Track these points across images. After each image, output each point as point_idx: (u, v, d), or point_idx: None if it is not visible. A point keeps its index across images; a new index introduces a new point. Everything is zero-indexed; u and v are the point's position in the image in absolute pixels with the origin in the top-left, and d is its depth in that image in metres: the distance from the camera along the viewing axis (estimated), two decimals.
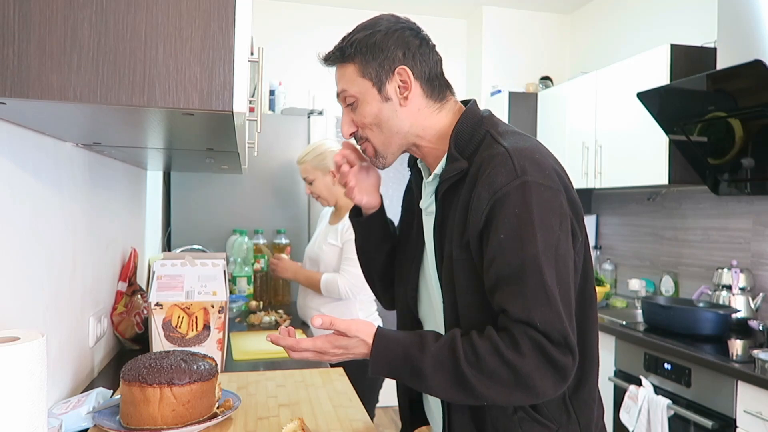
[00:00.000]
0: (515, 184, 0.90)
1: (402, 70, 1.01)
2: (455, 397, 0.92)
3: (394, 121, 1.03)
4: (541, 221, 0.90)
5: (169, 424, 1.09)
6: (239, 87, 0.79)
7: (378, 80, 1.01)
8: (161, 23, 0.76)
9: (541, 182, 0.91)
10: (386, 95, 1.02)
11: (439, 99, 1.05)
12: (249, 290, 2.75)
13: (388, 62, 1.01)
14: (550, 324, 0.87)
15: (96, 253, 1.57)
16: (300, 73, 3.85)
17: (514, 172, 0.91)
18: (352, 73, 1.02)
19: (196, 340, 1.53)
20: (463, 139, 1.01)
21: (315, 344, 0.96)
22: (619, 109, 2.92)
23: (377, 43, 1.01)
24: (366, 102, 1.02)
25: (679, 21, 3.08)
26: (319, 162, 2.27)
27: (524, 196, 0.90)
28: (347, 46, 1.02)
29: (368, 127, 1.04)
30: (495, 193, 0.91)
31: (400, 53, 1.01)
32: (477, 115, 1.03)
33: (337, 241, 2.25)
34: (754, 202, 2.59)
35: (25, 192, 1.05)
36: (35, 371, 0.77)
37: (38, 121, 0.99)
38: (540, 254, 0.88)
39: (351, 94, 1.03)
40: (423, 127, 1.04)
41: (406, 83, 1.01)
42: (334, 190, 2.29)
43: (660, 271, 3.12)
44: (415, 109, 1.03)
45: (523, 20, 4.06)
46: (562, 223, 0.92)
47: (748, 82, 2.08)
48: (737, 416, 1.94)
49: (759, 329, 2.33)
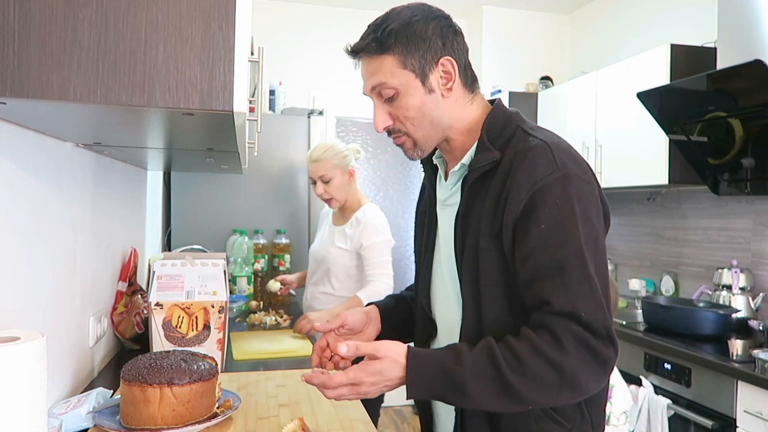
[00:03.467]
0: (556, 176, 0.90)
1: (446, 61, 0.98)
2: (502, 407, 0.88)
3: (436, 113, 1.00)
4: (583, 214, 0.89)
5: (169, 424, 1.08)
6: (239, 87, 0.79)
7: (422, 71, 0.98)
8: (161, 23, 0.76)
9: (580, 176, 0.92)
10: (430, 87, 0.99)
11: (472, 90, 1.04)
12: (249, 290, 2.75)
13: (431, 53, 0.97)
14: (594, 316, 0.86)
15: (96, 253, 1.57)
16: (300, 73, 3.85)
17: (555, 164, 0.91)
18: (391, 64, 0.98)
19: (196, 340, 1.53)
20: (495, 130, 1.00)
21: (348, 376, 0.90)
22: (619, 109, 2.92)
23: (417, 32, 0.97)
24: (409, 94, 0.99)
25: (679, 21, 3.08)
26: (340, 160, 2.21)
27: (566, 188, 0.89)
28: (384, 37, 0.97)
29: (410, 120, 1.01)
30: (535, 184, 0.90)
31: (440, 42, 0.98)
32: (507, 110, 1.03)
33: (347, 245, 2.20)
34: (754, 202, 2.59)
35: (25, 192, 1.05)
36: (35, 371, 0.77)
37: (38, 121, 0.99)
38: (583, 246, 0.88)
39: (391, 87, 0.99)
40: (457, 119, 1.02)
41: (449, 74, 0.99)
42: (348, 190, 2.25)
43: (660, 271, 3.12)
44: (453, 100, 1.01)
45: (523, 20, 4.06)
46: (598, 217, 0.93)
47: (748, 82, 2.08)
48: (737, 416, 1.94)
49: (759, 329, 2.33)
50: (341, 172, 2.21)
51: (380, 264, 2.16)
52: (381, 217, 2.24)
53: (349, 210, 2.26)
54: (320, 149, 2.23)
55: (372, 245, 2.16)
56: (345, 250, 2.20)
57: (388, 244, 2.21)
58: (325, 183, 2.21)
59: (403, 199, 4.21)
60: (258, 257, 2.88)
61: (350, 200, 2.27)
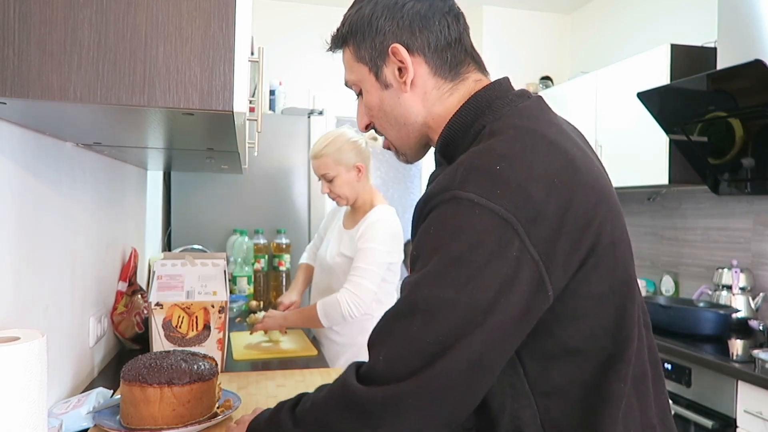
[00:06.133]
0: (444, 197, 0.72)
1: (395, 48, 0.81)
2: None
3: (399, 111, 0.85)
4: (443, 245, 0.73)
5: (169, 424, 1.09)
6: (239, 87, 0.79)
7: (373, 64, 0.84)
8: (161, 23, 0.76)
9: (475, 200, 0.70)
10: (385, 81, 0.84)
11: (452, 77, 0.83)
12: (249, 290, 2.75)
13: (379, 39, 0.82)
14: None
15: (96, 253, 1.57)
16: (300, 73, 3.85)
17: (453, 181, 0.72)
18: (349, 58, 0.87)
19: (197, 340, 1.53)
20: (455, 134, 0.81)
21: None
22: (619, 109, 2.92)
23: (365, 17, 0.83)
24: (366, 91, 0.87)
25: (679, 21, 3.08)
26: (341, 156, 1.93)
27: (442, 213, 0.73)
28: (341, 26, 0.87)
29: (376, 120, 0.88)
30: (425, 205, 0.75)
31: (393, 25, 0.81)
32: (484, 100, 0.81)
33: (352, 251, 1.91)
34: (754, 202, 2.59)
35: (25, 192, 1.05)
36: (35, 371, 0.77)
37: (38, 121, 0.99)
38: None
39: (353, 82, 0.88)
40: (432, 116, 0.84)
41: (403, 63, 0.82)
42: (356, 187, 1.96)
43: (660, 271, 3.12)
44: (421, 93, 0.83)
45: (523, 20, 4.06)
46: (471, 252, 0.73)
47: (748, 82, 2.08)
48: (737, 416, 1.94)
49: (759, 329, 2.33)
50: (346, 169, 1.93)
51: (360, 270, 1.82)
52: (388, 224, 1.91)
53: (360, 211, 1.99)
54: (321, 143, 1.96)
55: (362, 250, 1.85)
56: (350, 258, 1.92)
57: (382, 255, 1.85)
58: (328, 181, 1.96)
59: (403, 199, 4.21)
60: (258, 257, 2.88)
61: (361, 199, 1.99)
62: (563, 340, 0.73)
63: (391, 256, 1.89)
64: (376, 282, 1.84)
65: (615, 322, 0.74)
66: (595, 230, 0.71)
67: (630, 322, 0.74)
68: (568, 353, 0.73)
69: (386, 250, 1.87)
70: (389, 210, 1.97)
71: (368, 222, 1.91)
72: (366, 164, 1.98)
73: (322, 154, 1.93)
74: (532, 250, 0.67)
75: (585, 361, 0.74)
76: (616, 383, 0.73)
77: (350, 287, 1.81)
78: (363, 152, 1.98)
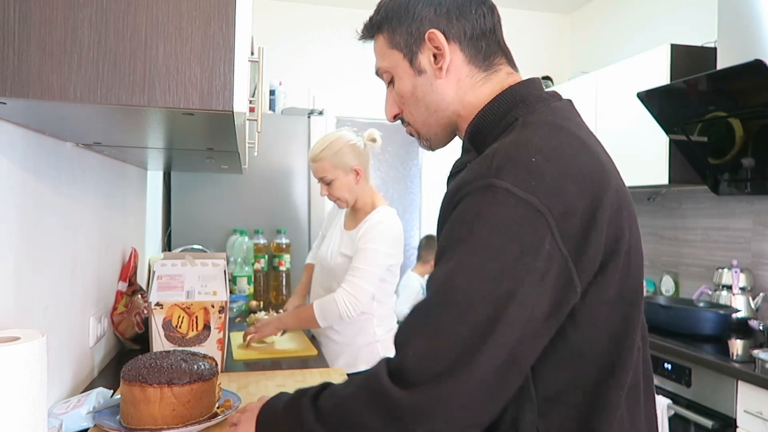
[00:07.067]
0: (478, 185, 0.72)
1: (433, 34, 0.82)
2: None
3: (431, 97, 0.85)
4: (480, 235, 0.73)
5: (169, 424, 1.08)
6: (239, 87, 0.79)
7: (408, 50, 0.84)
8: (161, 23, 0.76)
9: (510, 189, 0.71)
10: (419, 67, 0.85)
11: (486, 67, 0.85)
12: (249, 290, 2.75)
13: (416, 25, 0.83)
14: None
15: (96, 253, 1.57)
16: (300, 73, 3.85)
17: (489, 169, 0.73)
18: (382, 45, 0.88)
19: (197, 340, 1.53)
20: (487, 124, 0.82)
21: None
22: (619, 109, 2.92)
23: (402, 3, 0.84)
24: (399, 78, 0.87)
25: (679, 21, 3.08)
26: (339, 159, 1.92)
27: (478, 201, 0.73)
28: (375, 14, 0.88)
29: (406, 107, 0.88)
30: (458, 192, 0.75)
31: (431, 11, 0.82)
32: (518, 95, 0.82)
33: (352, 252, 1.91)
34: (754, 202, 2.59)
35: (25, 192, 1.05)
36: (35, 371, 0.77)
37: (38, 121, 0.99)
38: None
39: (384, 70, 0.89)
40: (464, 104, 0.85)
41: (440, 49, 0.83)
42: (355, 190, 1.97)
43: (660, 271, 3.12)
44: (454, 80, 0.84)
45: (523, 20, 4.06)
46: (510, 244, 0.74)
47: (748, 82, 2.08)
48: (737, 416, 1.94)
49: (759, 329, 2.33)
50: (344, 172, 1.93)
51: (358, 271, 1.83)
52: (389, 226, 1.92)
53: (362, 212, 1.99)
54: (319, 147, 1.95)
55: (362, 250, 1.86)
56: (351, 259, 1.91)
57: (382, 256, 1.86)
58: (327, 184, 1.97)
59: (403, 199, 4.21)
60: (258, 257, 2.88)
61: (361, 200, 1.99)
62: (577, 344, 0.73)
63: (390, 258, 1.90)
64: (373, 283, 1.85)
65: (621, 329, 0.74)
66: (617, 234, 0.72)
67: (634, 332, 0.75)
68: (578, 358, 0.73)
69: (386, 252, 1.88)
70: (391, 211, 1.98)
71: (370, 223, 1.91)
72: (365, 167, 1.99)
73: (319, 157, 1.94)
74: (561, 245, 0.67)
75: (589, 367, 0.74)
76: (615, 391, 0.73)
77: (347, 287, 1.82)
78: (361, 155, 1.98)
